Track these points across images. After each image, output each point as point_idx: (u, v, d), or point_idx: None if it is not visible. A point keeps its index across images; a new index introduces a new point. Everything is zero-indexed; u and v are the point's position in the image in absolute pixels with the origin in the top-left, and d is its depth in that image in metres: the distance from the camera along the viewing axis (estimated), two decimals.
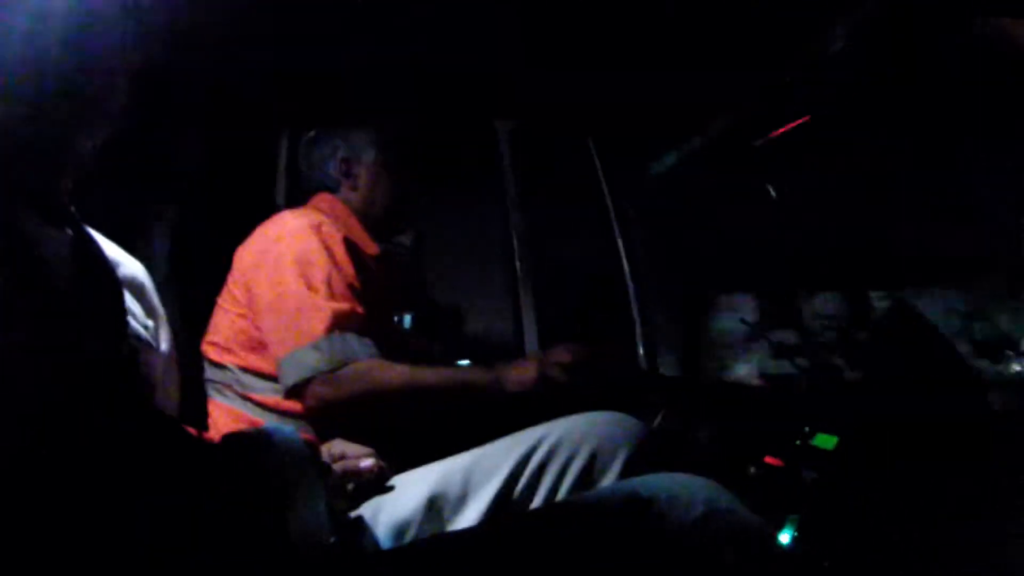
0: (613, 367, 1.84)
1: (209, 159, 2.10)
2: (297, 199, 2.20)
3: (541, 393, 1.64)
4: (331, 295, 1.67)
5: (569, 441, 1.40)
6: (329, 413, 1.58)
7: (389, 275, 2.03)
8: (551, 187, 2.77)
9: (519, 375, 1.66)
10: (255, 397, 1.71)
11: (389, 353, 1.68)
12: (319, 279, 1.67)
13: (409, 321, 2.69)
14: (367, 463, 1.29)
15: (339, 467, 1.23)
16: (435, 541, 1.21)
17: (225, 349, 1.76)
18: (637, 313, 2.62)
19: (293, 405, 1.65)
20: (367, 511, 1.28)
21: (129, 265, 1.20)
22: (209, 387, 1.78)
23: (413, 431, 1.62)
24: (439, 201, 2.14)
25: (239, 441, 0.92)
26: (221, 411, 1.73)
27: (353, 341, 1.64)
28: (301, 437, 0.96)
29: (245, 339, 1.74)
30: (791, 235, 2.12)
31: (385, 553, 1.22)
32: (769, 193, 2.18)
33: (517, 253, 2.67)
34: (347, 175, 1.99)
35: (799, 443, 1.48)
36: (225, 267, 1.84)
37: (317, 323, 1.62)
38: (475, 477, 1.37)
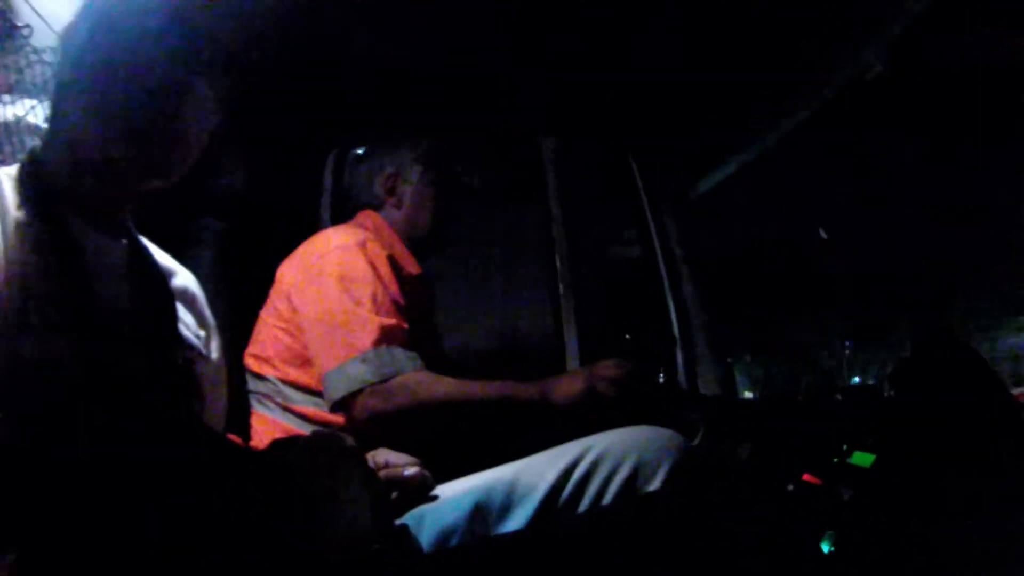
0: (656, 384, 1.83)
1: (255, 175, 2.13)
2: (341, 216, 2.23)
3: (588, 408, 1.65)
4: (377, 309, 1.67)
5: (613, 454, 1.38)
6: (377, 425, 1.59)
7: (430, 295, 2.04)
8: (595, 208, 2.78)
9: (567, 389, 1.66)
10: (296, 408, 1.73)
11: (434, 369, 1.69)
12: (365, 295, 1.68)
13: None
14: (411, 471, 1.30)
15: (383, 475, 1.24)
16: (480, 544, 1.22)
17: (266, 361, 1.78)
18: (677, 332, 2.62)
19: (335, 418, 1.66)
20: (411, 520, 1.29)
21: (182, 275, 1.23)
22: (252, 398, 1.80)
23: (457, 442, 1.63)
24: (483, 218, 2.15)
25: (287, 445, 0.95)
26: (263, 422, 1.75)
27: (400, 354, 1.65)
28: (350, 441, 0.98)
29: (287, 353, 1.76)
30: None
31: (430, 556, 1.24)
32: (820, 235, 2.19)
33: (559, 270, 2.68)
34: (392, 192, 2.00)
35: (837, 461, 1.48)
36: (268, 281, 1.86)
37: (364, 336, 1.63)
38: (519, 488, 1.36)
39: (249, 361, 1.82)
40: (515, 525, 1.34)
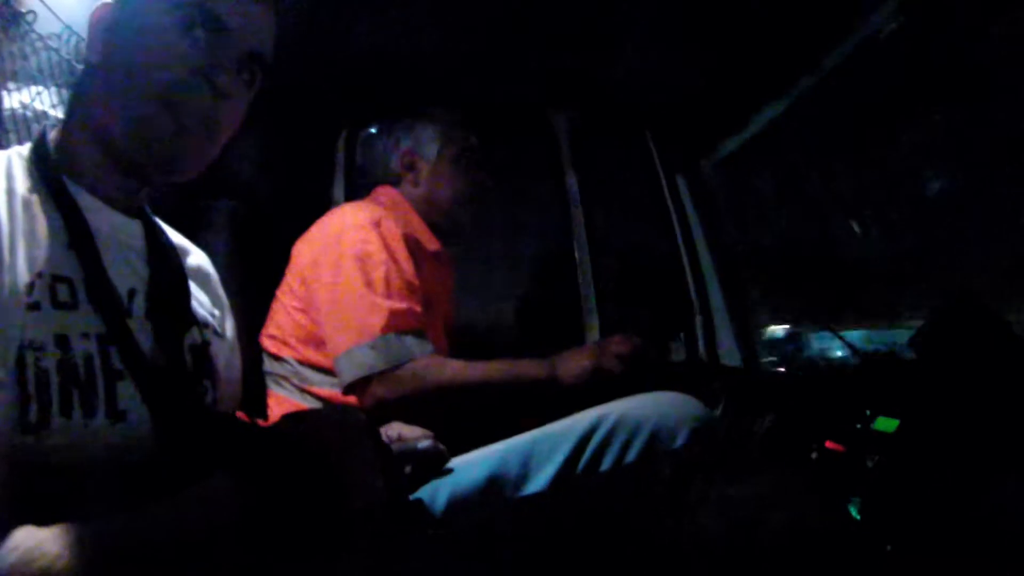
0: (667, 358, 1.82)
1: (267, 155, 2.13)
2: (354, 195, 2.22)
3: (595, 384, 1.65)
4: (389, 293, 1.67)
5: (630, 420, 1.37)
6: (387, 411, 1.59)
7: (448, 271, 2.04)
8: (610, 180, 2.76)
9: (574, 366, 1.67)
10: (313, 390, 1.73)
11: (452, 345, 1.68)
12: (378, 276, 1.68)
13: None
14: (425, 444, 1.29)
15: (396, 448, 1.23)
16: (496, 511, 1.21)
17: (283, 342, 1.78)
18: (697, 305, 2.60)
19: (351, 398, 1.67)
20: (426, 493, 1.29)
21: (196, 255, 1.23)
22: (268, 379, 1.81)
23: (469, 420, 1.63)
24: (500, 192, 2.13)
25: (297, 417, 0.94)
26: (280, 402, 1.76)
27: (410, 340, 1.65)
28: (361, 414, 0.97)
29: (303, 333, 1.76)
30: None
31: (445, 521, 1.23)
32: (854, 228, 2.17)
33: (577, 247, 2.67)
34: (410, 168, 1.99)
35: (860, 427, 1.46)
36: (284, 260, 1.86)
37: (375, 321, 1.64)
38: (536, 457, 1.36)
39: (266, 342, 1.82)
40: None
